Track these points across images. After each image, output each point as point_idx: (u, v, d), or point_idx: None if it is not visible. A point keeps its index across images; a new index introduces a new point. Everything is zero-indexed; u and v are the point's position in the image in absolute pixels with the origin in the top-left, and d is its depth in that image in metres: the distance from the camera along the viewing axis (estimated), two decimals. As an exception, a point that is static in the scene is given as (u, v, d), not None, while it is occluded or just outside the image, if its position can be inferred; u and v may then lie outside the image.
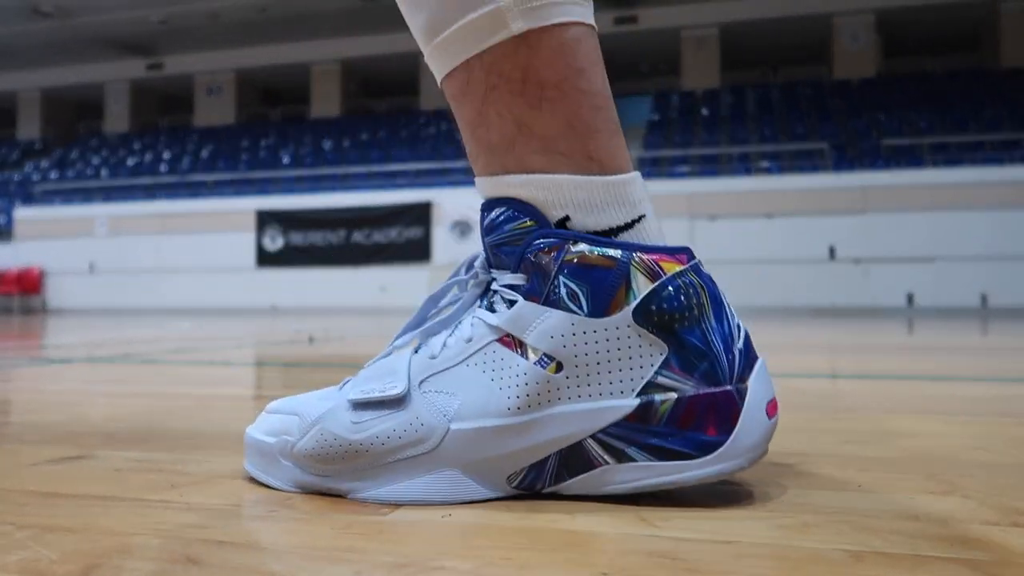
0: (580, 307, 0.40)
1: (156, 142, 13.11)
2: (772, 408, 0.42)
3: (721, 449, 0.40)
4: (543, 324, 0.41)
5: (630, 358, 0.40)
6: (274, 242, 9.26)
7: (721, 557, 0.33)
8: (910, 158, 8.65)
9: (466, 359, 0.43)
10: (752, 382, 0.42)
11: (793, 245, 7.77)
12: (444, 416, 0.41)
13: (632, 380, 0.40)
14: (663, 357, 0.40)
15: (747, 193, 8.08)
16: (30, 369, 1.37)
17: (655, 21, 11.22)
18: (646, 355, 0.40)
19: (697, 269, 0.42)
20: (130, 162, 12.51)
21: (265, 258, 9.22)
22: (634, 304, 0.40)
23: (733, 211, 8.00)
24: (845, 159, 8.91)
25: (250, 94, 13.89)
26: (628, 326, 0.40)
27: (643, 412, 0.40)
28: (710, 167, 9.33)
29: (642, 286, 0.40)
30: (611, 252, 0.41)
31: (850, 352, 1.84)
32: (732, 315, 0.43)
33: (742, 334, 0.43)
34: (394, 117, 12.57)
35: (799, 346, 2.07)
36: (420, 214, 8.79)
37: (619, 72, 12.02)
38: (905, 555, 0.33)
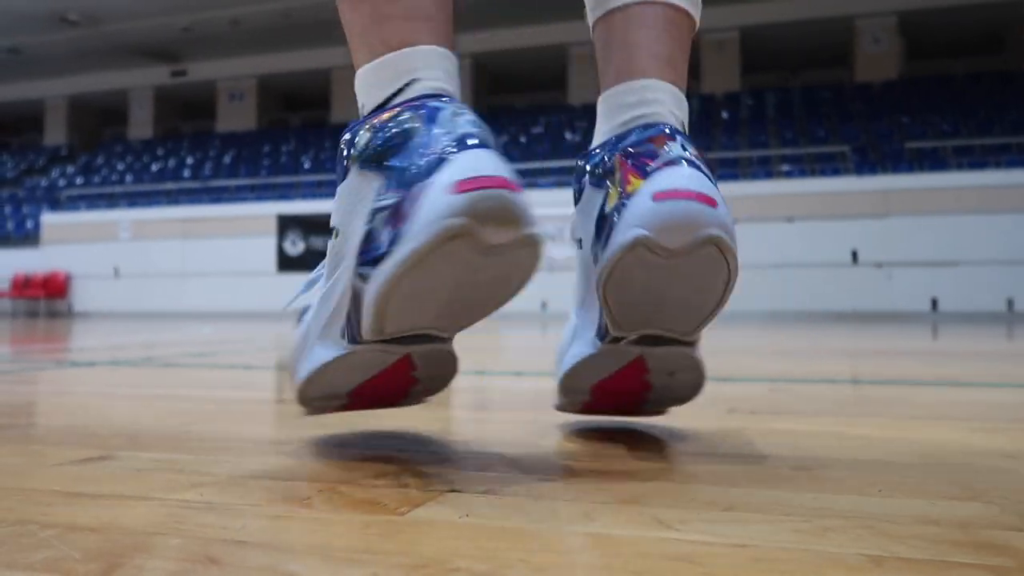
0: (340, 179, 0.49)
1: (179, 148, 13.26)
2: (463, 184, 0.42)
3: (402, 234, 0.43)
4: (334, 205, 0.49)
5: (361, 200, 0.47)
6: (295, 246, 9.33)
7: (738, 561, 0.32)
8: (933, 161, 8.55)
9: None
10: (445, 168, 0.43)
11: (815, 249, 7.70)
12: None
13: (364, 214, 0.46)
14: (379, 185, 0.46)
15: (768, 197, 8.02)
16: (55, 372, 1.39)
17: (675, 25, 11.18)
18: (368, 190, 0.46)
19: (413, 104, 0.47)
20: (154, 168, 12.67)
21: (286, 262, 9.29)
22: (355, 155, 0.47)
23: (753, 215, 7.95)
24: (867, 162, 8.83)
25: (271, 100, 14.02)
26: (356, 176, 0.47)
27: (368, 236, 0.46)
28: (730, 171, 9.28)
29: (362, 140, 0.47)
30: (354, 126, 0.49)
31: (872, 357, 1.83)
32: (452, 123, 0.45)
33: (457, 134, 0.45)
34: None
35: (821, 351, 2.05)
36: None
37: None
38: (926, 560, 0.32)
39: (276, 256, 9.38)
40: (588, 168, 0.55)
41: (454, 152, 0.44)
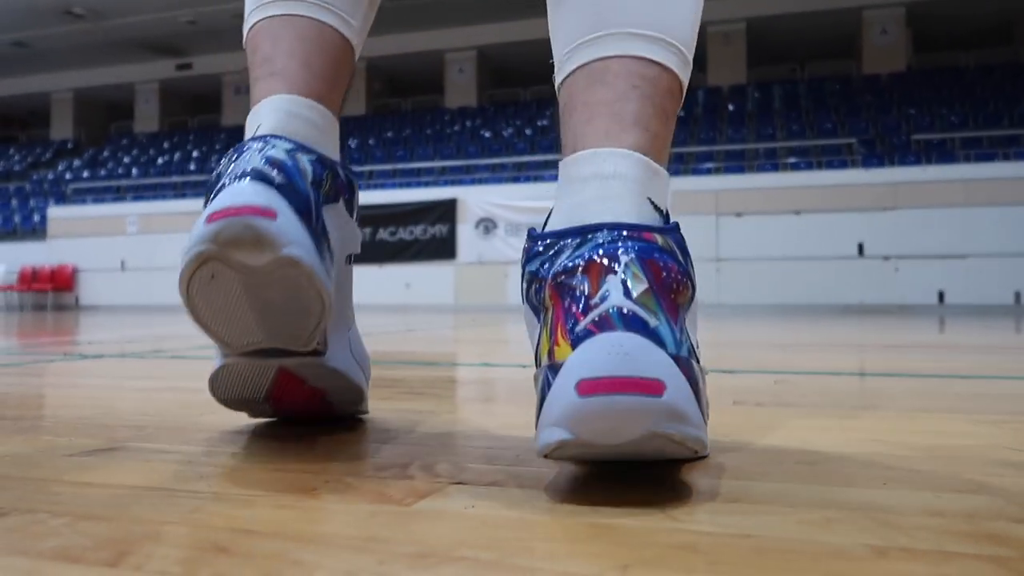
0: None
1: (185, 141, 13.29)
2: (213, 216, 0.45)
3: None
4: None
5: None
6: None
7: (743, 551, 0.33)
8: (941, 153, 8.51)
9: None
10: (211, 202, 0.48)
11: (821, 242, 7.68)
12: None
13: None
14: None
15: (774, 190, 8.00)
16: (63, 364, 1.40)
17: (681, 17, 11.13)
18: None
19: (234, 148, 0.53)
20: (160, 161, 12.70)
21: (292, 256, 9.29)
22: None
23: (760, 208, 7.93)
24: (875, 155, 8.79)
25: (277, 93, 14.00)
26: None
27: None
28: (736, 164, 9.25)
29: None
30: None
31: (879, 350, 1.82)
32: (239, 161, 0.51)
33: (234, 171, 0.50)
34: (419, 115, 12.62)
35: (826, 344, 2.05)
36: (445, 211, 8.81)
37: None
38: (930, 551, 0.33)
39: (282, 249, 9.39)
40: (525, 277, 0.46)
41: (223, 188, 0.48)
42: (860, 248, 7.63)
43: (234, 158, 0.50)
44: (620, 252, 0.42)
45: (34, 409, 0.82)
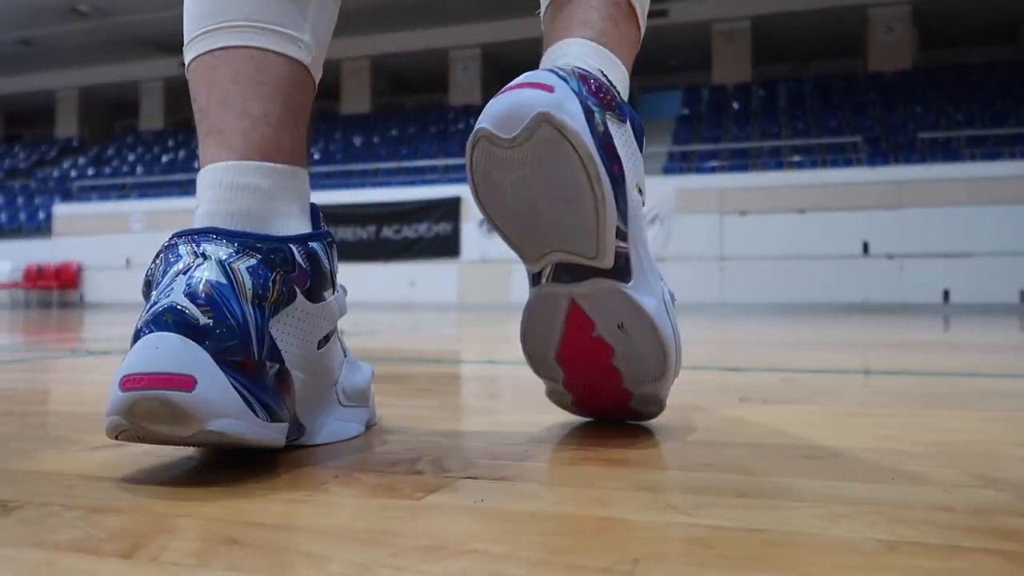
0: None
1: (189, 139, 13.30)
2: (126, 382, 0.41)
3: None
4: None
5: None
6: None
7: (752, 544, 0.33)
8: (946, 152, 8.49)
9: None
10: (128, 355, 0.43)
11: (826, 240, 7.67)
12: None
13: None
14: None
15: (779, 188, 7.98)
16: (69, 360, 1.40)
17: (685, 15, 11.12)
18: None
19: (166, 246, 0.48)
20: (164, 159, 12.72)
21: (296, 253, 9.30)
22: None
23: (764, 206, 7.91)
24: (880, 153, 8.77)
25: (281, 91, 14.02)
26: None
27: None
28: (741, 162, 9.23)
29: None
30: None
31: (884, 348, 1.82)
32: (158, 291, 0.45)
33: (147, 313, 0.44)
34: (423, 113, 12.62)
35: (832, 342, 2.05)
36: (449, 210, 8.81)
37: (649, 67, 11.94)
38: (939, 545, 0.33)
39: (286, 247, 9.40)
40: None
41: (140, 334, 0.44)
42: (865, 247, 7.62)
43: (162, 271, 0.46)
44: (555, 73, 0.50)
45: (42, 405, 0.82)
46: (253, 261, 0.46)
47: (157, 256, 0.47)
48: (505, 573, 0.29)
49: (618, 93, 0.53)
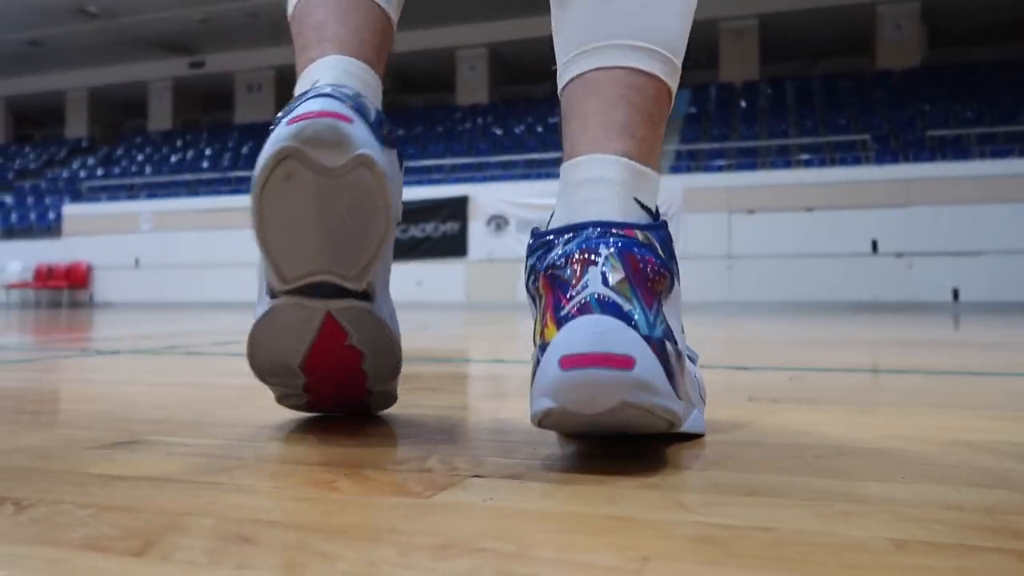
0: None
1: (198, 139, 13.35)
2: (294, 120, 0.49)
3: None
4: None
5: None
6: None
7: (761, 543, 0.33)
8: (956, 150, 8.44)
9: None
10: (287, 113, 0.50)
11: (834, 239, 7.64)
12: None
13: None
14: None
15: (786, 186, 7.96)
16: (79, 360, 1.41)
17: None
18: None
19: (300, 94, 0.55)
20: (173, 159, 12.77)
21: (304, 253, 9.31)
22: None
23: (772, 205, 7.89)
24: (888, 151, 8.73)
25: (289, 91, 13.86)
26: None
27: None
28: (748, 160, 9.21)
29: None
30: None
31: (892, 347, 1.81)
32: (307, 91, 0.53)
33: (305, 96, 0.51)
34: (430, 112, 12.62)
35: (840, 341, 2.04)
36: (456, 209, 8.82)
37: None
38: (950, 544, 0.33)
39: (294, 247, 9.41)
40: (526, 271, 0.53)
41: (297, 104, 0.51)
42: (874, 245, 7.59)
43: (300, 98, 0.52)
44: (601, 247, 0.47)
45: (53, 404, 0.83)
46: (373, 105, 0.55)
47: (291, 99, 0.55)
48: (514, 571, 0.29)
49: (667, 264, 0.49)
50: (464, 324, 3.45)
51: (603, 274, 0.46)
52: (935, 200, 7.45)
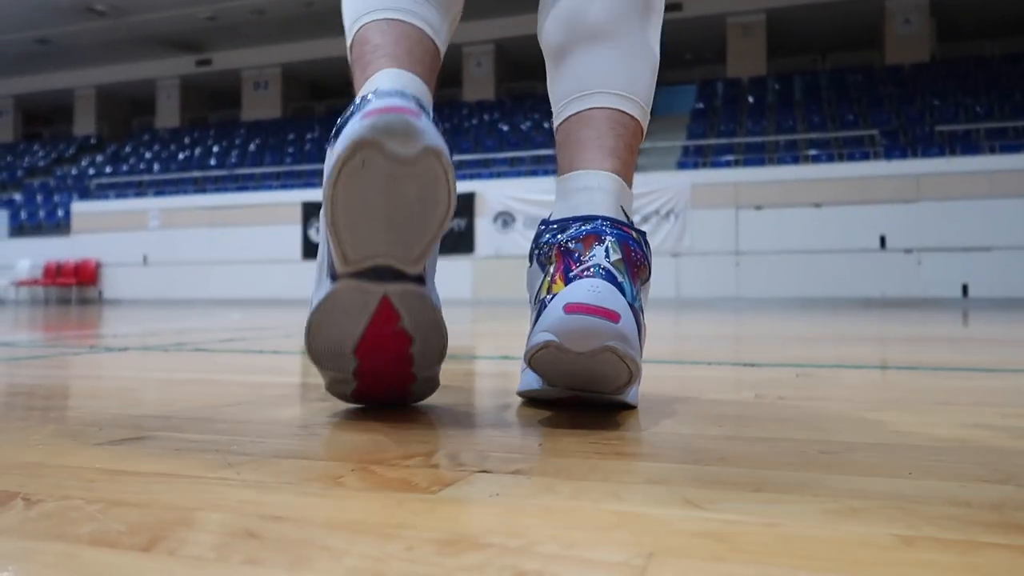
0: None
1: (206, 137, 13.39)
2: (370, 113, 0.52)
3: (331, 152, 0.54)
4: None
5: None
6: (320, 234, 9.38)
7: (767, 539, 0.33)
8: (965, 144, 8.40)
9: None
10: (360, 108, 0.54)
11: (843, 235, 7.61)
12: None
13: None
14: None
15: (794, 182, 7.93)
16: (88, 357, 1.42)
17: (700, 8, 11.06)
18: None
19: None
20: (181, 156, 12.81)
21: (311, 250, 9.36)
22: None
23: (780, 201, 7.87)
24: (897, 146, 8.69)
25: (296, 88, 14.09)
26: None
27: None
28: (756, 156, 9.17)
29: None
30: None
31: (901, 343, 1.81)
32: (374, 92, 0.57)
33: (374, 93, 0.55)
34: (437, 109, 12.53)
35: (848, 337, 2.03)
36: (463, 205, 8.82)
37: (662, 60, 11.80)
38: (957, 540, 0.32)
39: (301, 243, 9.46)
40: (537, 246, 0.67)
41: (369, 100, 0.54)
42: (882, 241, 7.55)
43: (367, 98, 0.55)
44: (607, 233, 0.63)
45: (62, 400, 0.83)
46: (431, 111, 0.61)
47: (354, 100, 0.60)
48: (520, 566, 0.29)
49: (648, 260, 0.65)
50: (471, 320, 3.46)
51: (606, 251, 0.61)
52: (944, 195, 7.42)
